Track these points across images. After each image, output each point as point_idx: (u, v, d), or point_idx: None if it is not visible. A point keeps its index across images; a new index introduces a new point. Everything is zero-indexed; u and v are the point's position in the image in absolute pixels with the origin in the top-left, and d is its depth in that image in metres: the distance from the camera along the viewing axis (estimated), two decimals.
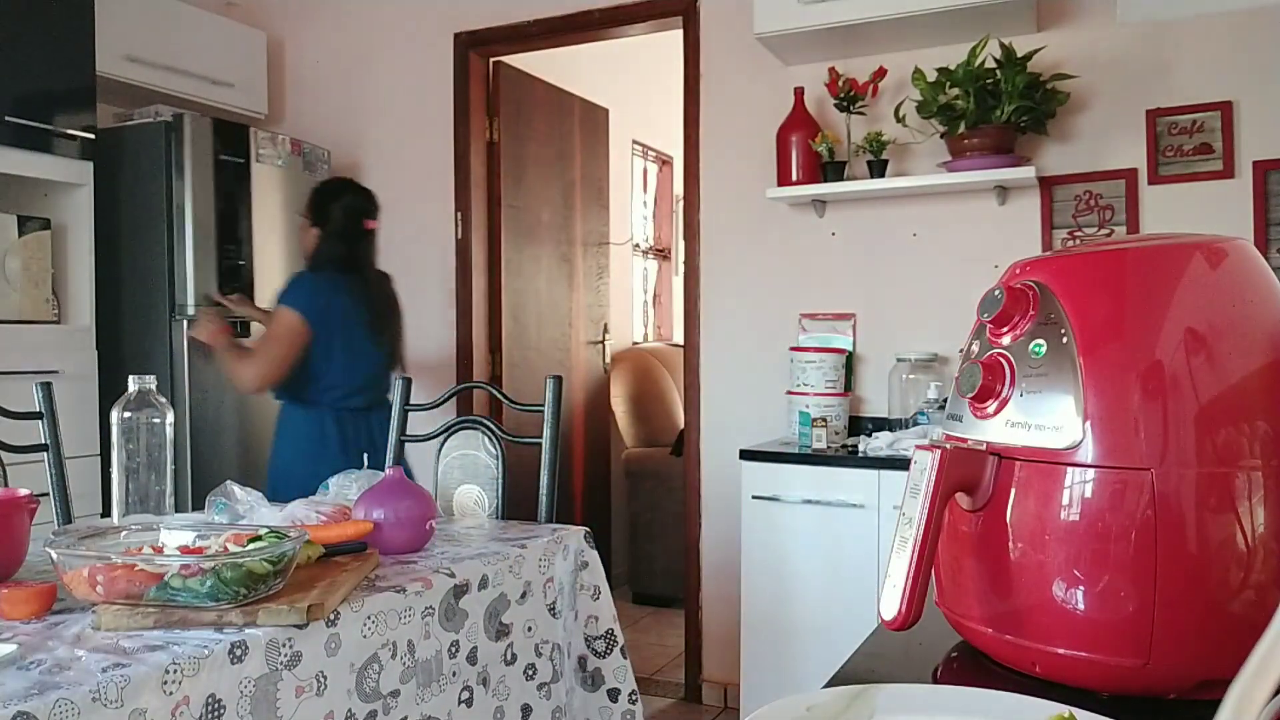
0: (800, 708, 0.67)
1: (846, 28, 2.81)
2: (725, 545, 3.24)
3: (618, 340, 4.97)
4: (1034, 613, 0.75)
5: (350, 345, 2.67)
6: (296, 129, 3.94)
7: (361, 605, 1.36)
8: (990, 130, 2.73)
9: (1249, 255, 0.78)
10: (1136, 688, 0.73)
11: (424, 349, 3.79)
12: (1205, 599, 0.71)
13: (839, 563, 2.66)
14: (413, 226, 3.80)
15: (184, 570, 1.23)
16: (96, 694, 1.01)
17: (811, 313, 3.20)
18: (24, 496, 1.43)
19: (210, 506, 1.80)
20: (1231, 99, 2.69)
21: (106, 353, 3.05)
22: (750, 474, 2.80)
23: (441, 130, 3.75)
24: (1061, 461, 0.74)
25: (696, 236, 3.37)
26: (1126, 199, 2.81)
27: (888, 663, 0.86)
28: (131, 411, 1.72)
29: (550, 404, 2.22)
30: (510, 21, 3.62)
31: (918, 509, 0.75)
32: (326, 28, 3.98)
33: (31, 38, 2.82)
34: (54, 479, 2.09)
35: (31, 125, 2.82)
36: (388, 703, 1.40)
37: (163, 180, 3.11)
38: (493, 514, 2.25)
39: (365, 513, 1.64)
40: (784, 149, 3.04)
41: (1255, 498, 0.71)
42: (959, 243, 2.99)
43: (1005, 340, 0.80)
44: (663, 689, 3.46)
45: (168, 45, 3.42)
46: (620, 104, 4.91)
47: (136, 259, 3.14)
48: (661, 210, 5.90)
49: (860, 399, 3.14)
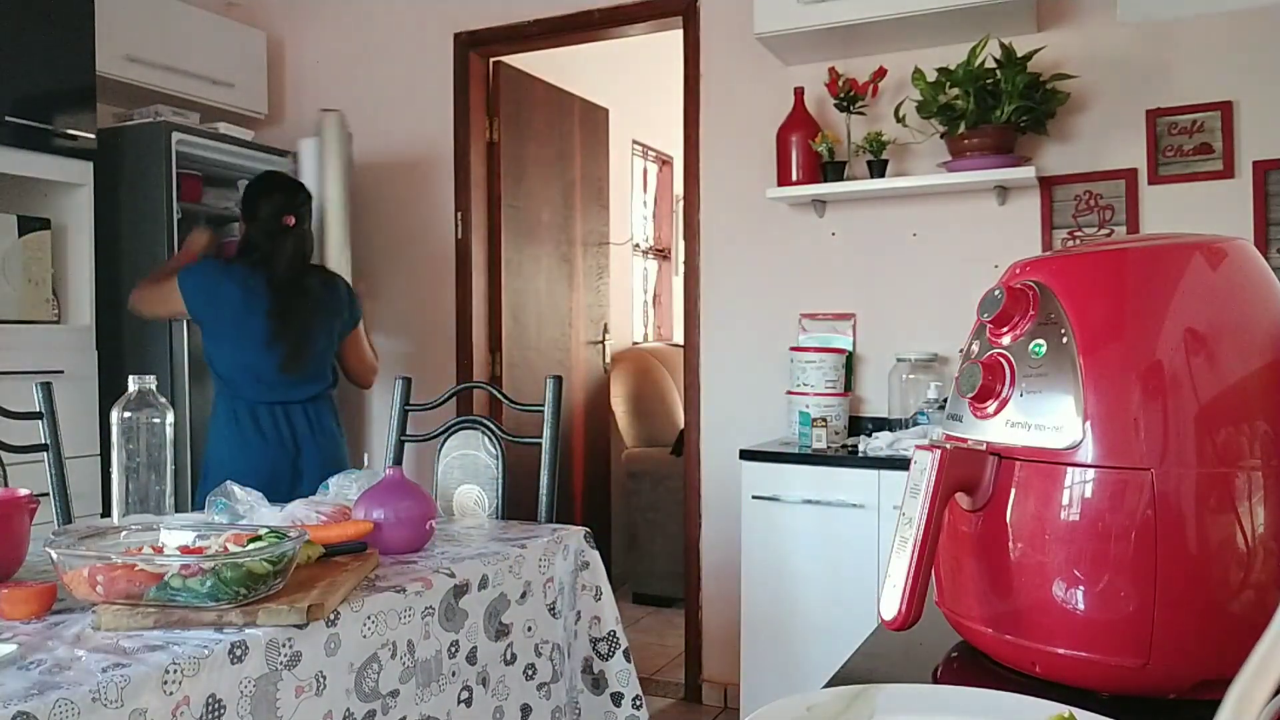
0: (800, 708, 0.67)
1: (846, 28, 2.81)
2: (725, 545, 3.24)
3: (618, 340, 4.97)
4: (1034, 613, 0.75)
5: (240, 336, 2.64)
6: (296, 129, 3.94)
7: (361, 605, 1.36)
8: (990, 130, 2.73)
9: (1249, 255, 0.78)
10: (1136, 688, 0.73)
11: (424, 349, 3.79)
12: (1205, 599, 0.71)
13: (839, 563, 2.66)
14: (413, 226, 3.80)
15: (184, 570, 1.23)
16: (96, 694, 1.01)
17: (811, 313, 3.20)
18: (24, 496, 1.43)
19: (210, 506, 1.80)
20: (1231, 99, 2.69)
21: (106, 353, 3.05)
22: (750, 474, 2.80)
23: (441, 130, 3.75)
24: (1061, 461, 0.74)
25: (696, 236, 3.37)
26: (1126, 199, 2.81)
27: (888, 663, 0.86)
28: (131, 411, 1.72)
29: (550, 404, 2.23)
30: (510, 21, 3.62)
31: (918, 509, 0.75)
32: (326, 28, 3.98)
33: (31, 38, 2.82)
34: (54, 479, 2.09)
35: (31, 125, 2.82)
36: (387, 703, 1.40)
37: (163, 180, 3.11)
38: (493, 514, 2.25)
39: (365, 513, 1.64)
40: (784, 149, 3.04)
41: (1255, 498, 0.71)
42: (959, 243, 3.00)
43: (1005, 340, 0.80)
44: (663, 689, 3.46)
45: (168, 45, 3.42)
46: (620, 104, 4.91)
47: (136, 259, 3.14)
48: (661, 210, 5.90)
49: (860, 399, 3.14)
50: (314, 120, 3.43)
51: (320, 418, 2.75)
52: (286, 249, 2.68)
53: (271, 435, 2.67)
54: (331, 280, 2.84)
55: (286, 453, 2.68)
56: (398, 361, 3.71)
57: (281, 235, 2.68)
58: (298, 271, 2.71)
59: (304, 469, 2.68)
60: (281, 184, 2.82)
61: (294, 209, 2.72)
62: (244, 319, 2.63)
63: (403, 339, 3.80)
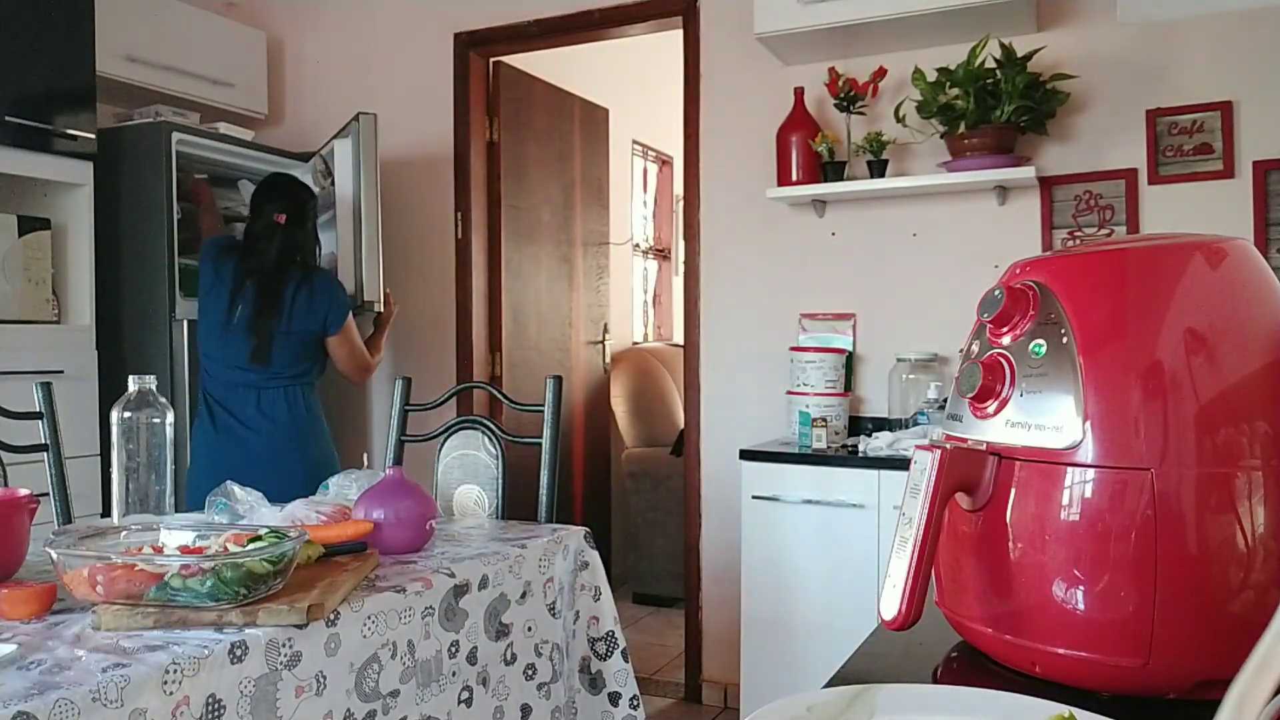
0: (800, 708, 0.67)
1: (846, 28, 2.81)
2: (725, 545, 3.24)
3: (618, 340, 4.97)
4: (1034, 613, 0.75)
5: (207, 315, 2.78)
6: (296, 129, 3.94)
7: (361, 605, 1.36)
8: (990, 130, 2.73)
9: (1249, 255, 0.78)
10: (1136, 688, 0.73)
11: (424, 349, 3.79)
12: (1205, 599, 0.71)
13: (839, 563, 2.66)
14: (413, 226, 3.80)
15: (184, 570, 1.23)
16: (96, 694, 1.01)
17: (811, 313, 3.20)
18: (24, 496, 1.43)
19: (210, 506, 1.80)
20: (1231, 99, 2.69)
21: (106, 353, 3.05)
22: (750, 474, 2.80)
23: (441, 130, 3.75)
24: (1061, 461, 0.74)
25: (696, 236, 3.37)
26: (1126, 199, 2.81)
27: (888, 663, 0.86)
28: (131, 411, 1.72)
29: (550, 404, 2.23)
30: (510, 21, 3.62)
31: (918, 509, 0.75)
32: (326, 28, 3.98)
33: (31, 38, 2.82)
34: (54, 479, 2.09)
35: (31, 125, 2.81)
36: (387, 703, 1.40)
37: (163, 180, 3.11)
38: (493, 514, 2.25)
39: (365, 513, 1.64)
40: (784, 149, 3.04)
41: (1255, 498, 0.71)
42: (959, 243, 3.00)
43: (1005, 340, 0.80)
44: (663, 689, 3.46)
45: (168, 45, 3.42)
46: (620, 104, 4.91)
47: (136, 259, 3.14)
48: (661, 210, 5.90)
49: (860, 399, 3.14)
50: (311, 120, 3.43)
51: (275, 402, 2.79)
52: (273, 244, 2.75)
53: (220, 417, 2.76)
54: (309, 280, 2.80)
55: (230, 434, 2.74)
56: (398, 361, 3.71)
57: (271, 233, 2.76)
58: (279, 268, 2.75)
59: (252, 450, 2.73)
60: (282, 185, 2.89)
61: (289, 208, 2.79)
62: (213, 300, 2.75)
63: (403, 339, 3.79)
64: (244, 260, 2.75)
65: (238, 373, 2.75)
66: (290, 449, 2.77)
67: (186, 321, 3.11)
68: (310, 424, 2.84)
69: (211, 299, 2.76)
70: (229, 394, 2.76)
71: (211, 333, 2.76)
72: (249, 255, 2.76)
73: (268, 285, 2.73)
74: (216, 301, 2.74)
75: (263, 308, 2.71)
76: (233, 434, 2.74)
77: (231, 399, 2.76)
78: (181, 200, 3.17)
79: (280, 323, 2.73)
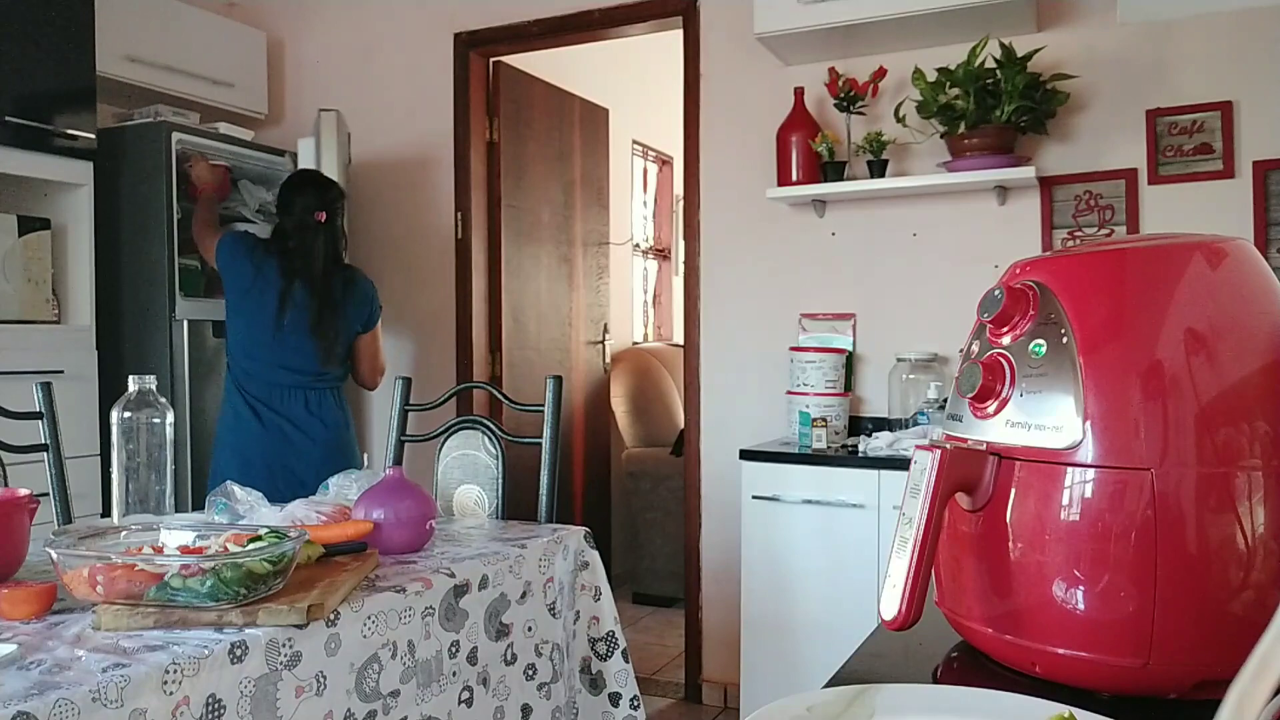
0: (800, 708, 0.67)
1: (846, 28, 2.81)
2: (725, 545, 3.24)
3: (618, 340, 4.97)
4: (1034, 613, 0.75)
5: (248, 315, 2.73)
6: (296, 129, 3.94)
7: (361, 605, 1.36)
8: (990, 130, 2.73)
9: (1249, 255, 0.78)
10: (1136, 688, 0.73)
11: (424, 349, 3.79)
12: (1205, 599, 0.71)
13: (839, 563, 2.66)
14: (413, 226, 3.80)
15: (184, 570, 1.23)
16: (96, 694, 1.01)
17: (811, 313, 3.20)
18: (24, 496, 1.43)
19: (210, 506, 1.80)
20: (1231, 99, 2.69)
21: (106, 353, 3.05)
22: (750, 474, 2.80)
23: (441, 130, 3.75)
24: (1061, 461, 0.74)
25: (696, 236, 3.37)
26: (1126, 199, 2.81)
27: (888, 663, 0.86)
28: (131, 411, 1.72)
29: (550, 404, 2.23)
30: (510, 21, 3.62)
31: (918, 509, 0.75)
32: (326, 28, 3.98)
33: (31, 38, 2.82)
34: (54, 479, 2.09)
35: (31, 125, 2.82)
36: (388, 703, 1.40)
37: (163, 180, 3.11)
38: (493, 514, 2.25)
39: (365, 513, 1.64)
40: (784, 149, 3.04)
41: (1255, 498, 0.71)
42: (959, 243, 3.00)
43: (1005, 340, 0.80)
44: (663, 689, 3.46)
45: (168, 45, 3.42)
46: (620, 104, 4.91)
47: (136, 259, 3.14)
48: (661, 210, 5.90)
49: (860, 399, 3.14)
50: (311, 120, 3.44)
51: (322, 403, 2.79)
52: (319, 246, 2.75)
53: (268, 417, 2.73)
54: (353, 279, 2.87)
55: (281, 435, 2.73)
56: (398, 361, 3.71)
57: (313, 231, 2.75)
58: (329, 270, 2.77)
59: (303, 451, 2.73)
60: (314, 180, 2.90)
61: (325, 205, 2.79)
62: (258, 296, 2.71)
63: (403, 339, 3.80)
64: (287, 259, 2.73)
65: (285, 373, 2.73)
66: (341, 447, 2.80)
67: (187, 321, 3.11)
68: (350, 423, 2.90)
69: (253, 299, 2.72)
70: (273, 394, 2.74)
71: (257, 333, 2.72)
72: (292, 255, 2.74)
73: (323, 286, 2.74)
74: (261, 301, 2.71)
75: (324, 309, 2.73)
76: (283, 434, 2.73)
77: (277, 399, 2.74)
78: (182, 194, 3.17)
79: (342, 323, 2.78)
